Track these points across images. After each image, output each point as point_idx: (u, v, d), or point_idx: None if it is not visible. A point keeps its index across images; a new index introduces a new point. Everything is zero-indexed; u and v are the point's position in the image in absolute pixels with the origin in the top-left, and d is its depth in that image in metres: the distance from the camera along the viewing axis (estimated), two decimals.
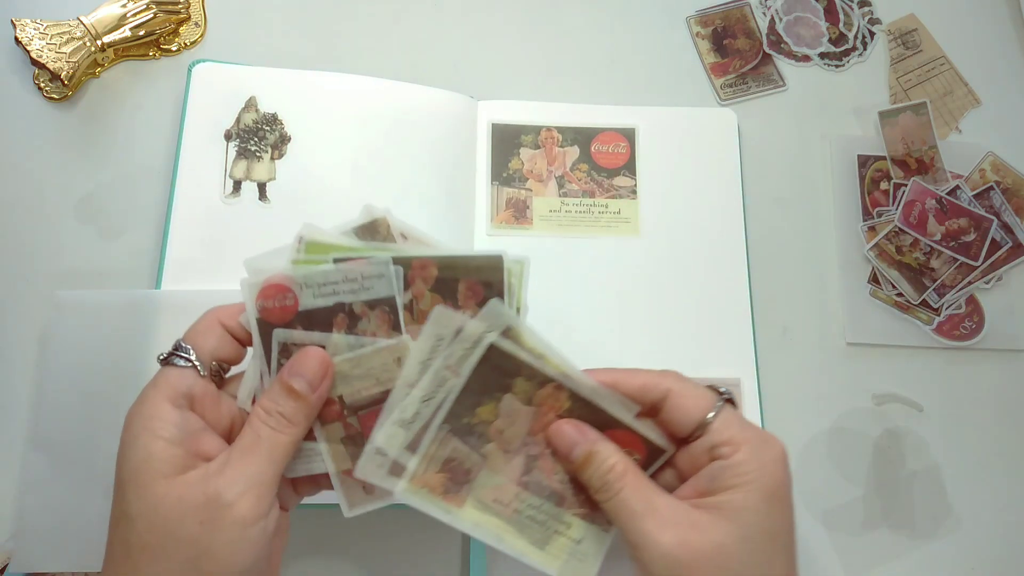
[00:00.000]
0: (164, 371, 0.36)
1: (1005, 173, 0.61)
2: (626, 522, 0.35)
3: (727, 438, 0.35)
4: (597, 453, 0.36)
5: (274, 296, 0.37)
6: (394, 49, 0.62)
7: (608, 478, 0.36)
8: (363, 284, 0.37)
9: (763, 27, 0.65)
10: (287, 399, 0.36)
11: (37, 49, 0.55)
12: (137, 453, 0.34)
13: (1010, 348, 0.57)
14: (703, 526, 0.34)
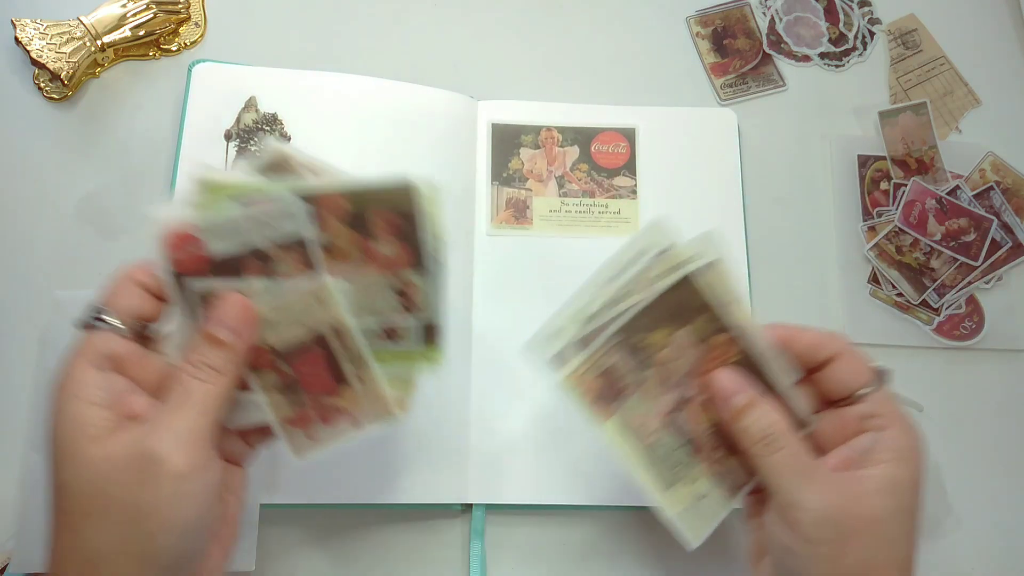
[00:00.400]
0: (84, 336, 0.36)
1: (1005, 173, 0.61)
2: (784, 480, 0.36)
3: (879, 411, 0.37)
4: (758, 406, 0.37)
5: (182, 246, 0.36)
6: (394, 49, 0.62)
7: (772, 431, 0.37)
8: (269, 224, 0.36)
9: (763, 27, 0.65)
10: (212, 349, 0.35)
11: (37, 49, 0.55)
12: (64, 420, 0.33)
13: (1010, 348, 0.57)
14: (863, 496, 0.35)
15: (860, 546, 0.35)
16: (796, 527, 0.35)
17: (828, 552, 0.35)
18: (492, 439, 0.51)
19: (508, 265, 0.55)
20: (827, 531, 0.35)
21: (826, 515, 0.35)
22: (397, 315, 0.37)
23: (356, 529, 0.50)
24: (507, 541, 0.50)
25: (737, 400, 0.38)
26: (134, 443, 0.33)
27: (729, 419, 0.38)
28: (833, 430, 0.38)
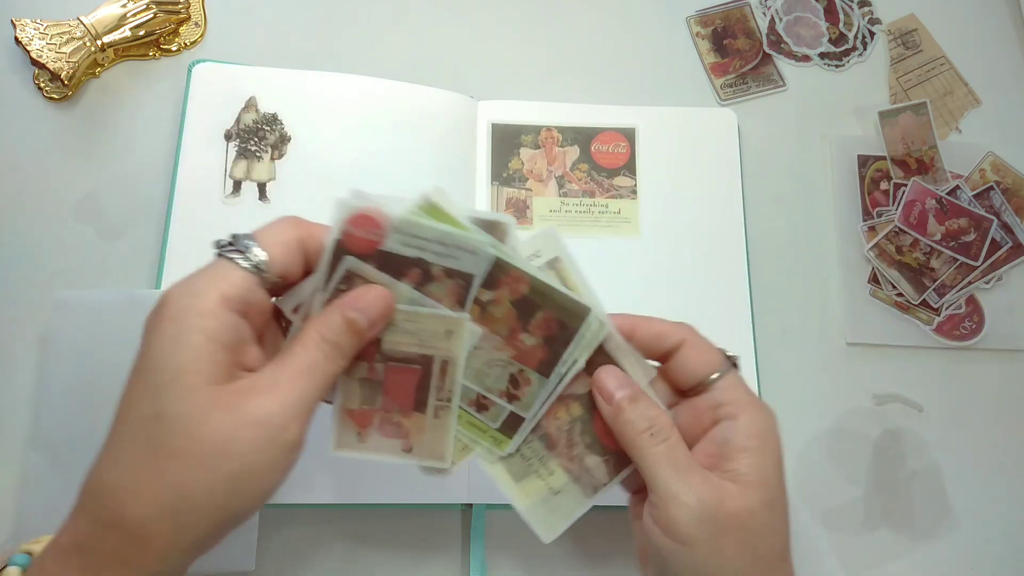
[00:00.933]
0: (224, 267, 0.34)
1: (1005, 173, 0.61)
2: (664, 472, 0.35)
3: (732, 399, 0.37)
4: (641, 399, 0.37)
5: (363, 226, 0.36)
6: (394, 49, 0.62)
7: (655, 424, 0.37)
8: (452, 252, 0.37)
9: (763, 27, 0.65)
10: (345, 331, 0.35)
11: (37, 49, 0.55)
12: (184, 352, 0.31)
13: (1010, 348, 0.57)
14: (734, 492, 0.35)
15: (738, 542, 0.35)
16: (675, 527, 0.35)
17: (707, 552, 0.34)
18: None
19: None
20: (705, 529, 0.34)
21: (703, 512, 0.34)
22: (497, 395, 0.39)
23: (356, 529, 0.50)
24: (507, 541, 0.50)
25: (621, 394, 0.37)
26: (256, 401, 0.32)
27: (613, 413, 0.37)
28: (688, 423, 0.38)
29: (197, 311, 0.32)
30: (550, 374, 0.38)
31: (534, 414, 0.39)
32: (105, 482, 0.31)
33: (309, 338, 0.34)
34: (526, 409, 0.39)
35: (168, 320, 0.32)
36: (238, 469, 0.31)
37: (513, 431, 0.39)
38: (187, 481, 0.30)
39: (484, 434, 0.39)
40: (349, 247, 0.37)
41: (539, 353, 0.38)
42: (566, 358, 0.38)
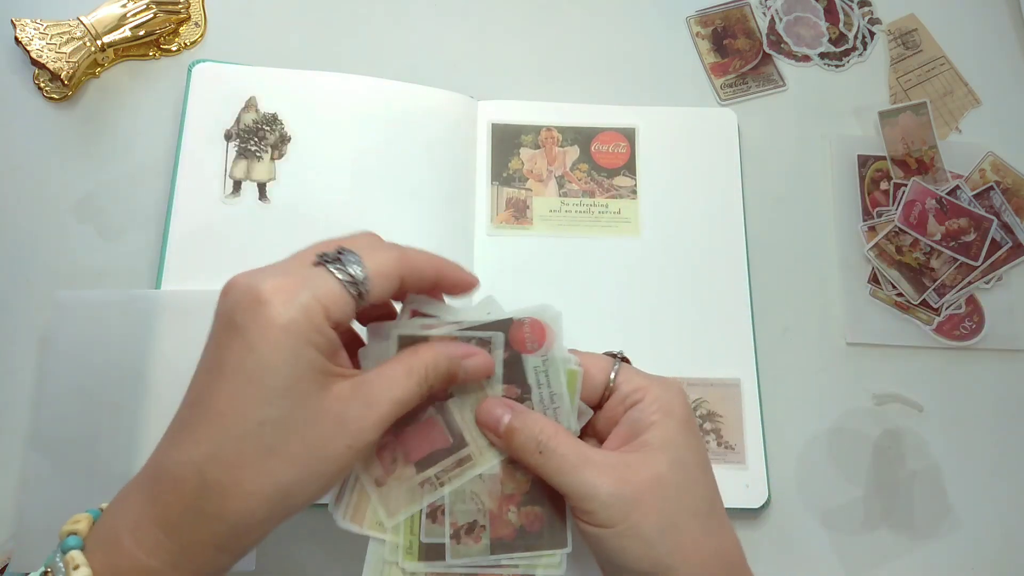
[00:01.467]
0: (329, 283, 0.34)
1: (1005, 173, 0.61)
2: (566, 477, 0.36)
3: (634, 387, 0.39)
4: (527, 419, 0.38)
5: (534, 334, 0.39)
6: (394, 49, 0.62)
7: (541, 438, 0.37)
8: (553, 406, 0.39)
9: (763, 27, 0.65)
10: (444, 378, 0.37)
11: (37, 49, 0.55)
12: (301, 364, 0.33)
13: (1010, 348, 0.57)
14: (637, 463, 0.36)
15: (653, 509, 0.36)
16: (594, 517, 0.36)
17: (628, 528, 0.35)
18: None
19: (508, 265, 0.55)
20: (619, 507, 0.35)
21: (611, 491, 0.35)
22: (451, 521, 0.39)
23: None
24: None
25: (507, 421, 0.38)
26: (358, 418, 0.34)
27: (504, 443, 0.38)
28: (608, 423, 0.39)
29: (310, 326, 0.33)
30: (497, 553, 0.39)
31: (459, 566, 0.39)
32: (210, 479, 0.33)
33: (415, 372, 0.36)
34: (457, 555, 0.39)
35: (280, 329, 0.33)
36: (332, 472, 0.34)
37: (430, 559, 0.39)
38: (294, 483, 0.33)
39: (410, 536, 0.39)
40: (511, 336, 0.39)
41: (506, 532, 0.39)
42: (515, 560, 0.39)
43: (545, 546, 0.39)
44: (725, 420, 0.53)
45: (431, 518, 0.39)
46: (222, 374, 0.33)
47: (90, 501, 0.47)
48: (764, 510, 0.52)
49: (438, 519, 0.39)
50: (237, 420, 0.33)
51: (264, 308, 0.33)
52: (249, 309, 0.33)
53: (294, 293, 0.33)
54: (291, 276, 0.34)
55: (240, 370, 0.33)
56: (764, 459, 0.52)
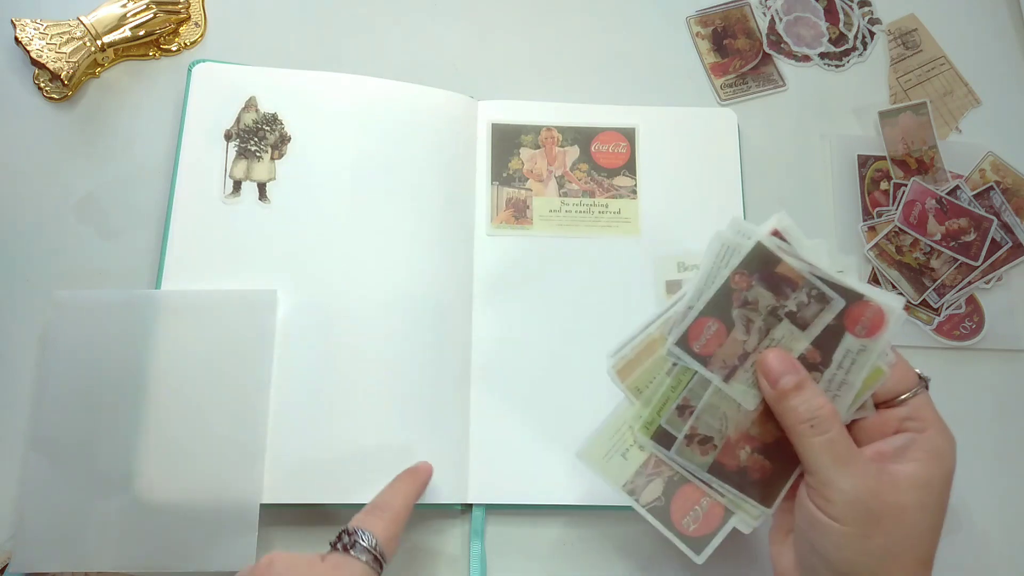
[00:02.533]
0: (356, 567, 0.41)
1: (1005, 173, 0.61)
2: (824, 461, 0.37)
3: (922, 416, 0.40)
4: (806, 388, 0.39)
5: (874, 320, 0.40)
6: (394, 49, 0.62)
7: (819, 415, 0.38)
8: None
9: (763, 27, 0.65)
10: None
11: (37, 49, 0.55)
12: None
13: (1010, 348, 0.57)
14: (894, 487, 0.37)
15: (885, 532, 0.37)
16: (828, 507, 0.37)
17: (855, 533, 0.36)
18: (492, 439, 0.51)
19: (508, 265, 0.55)
20: (857, 512, 0.36)
21: (857, 497, 0.36)
22: (689, 424, 0.42)
23: None
24: (507, 541, 0.50)
25: (786, 381, 0.39)
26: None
27: (776, 397, 0.39)
28: (873, 427, 0.40)
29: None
30: (713, 474, 0.41)
31: (677, 462, 0.42)
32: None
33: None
34: (680, 454, 0.41)
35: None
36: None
37: (659, 442, 0.42)
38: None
39: (655, 415, 0.42)
40: (849, 310, 0.40)
41: (731, 463, 0.41)
42: (724, 490, 0.41)
43: (756, 497, 0.41)
44: None
45: (679, 411, 0.41)
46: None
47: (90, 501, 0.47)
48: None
49: (684, 415, 0.41)
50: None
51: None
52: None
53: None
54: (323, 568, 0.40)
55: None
56: None
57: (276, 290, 0.52)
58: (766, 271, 0.40)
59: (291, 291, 0.52)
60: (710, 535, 0.42)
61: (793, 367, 0.39)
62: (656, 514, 0.42)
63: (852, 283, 0.40)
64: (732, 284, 0.40)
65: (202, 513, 0.47)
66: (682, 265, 0.55)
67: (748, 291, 0.40)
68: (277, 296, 0.51)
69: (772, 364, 0.39)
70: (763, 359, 0.40)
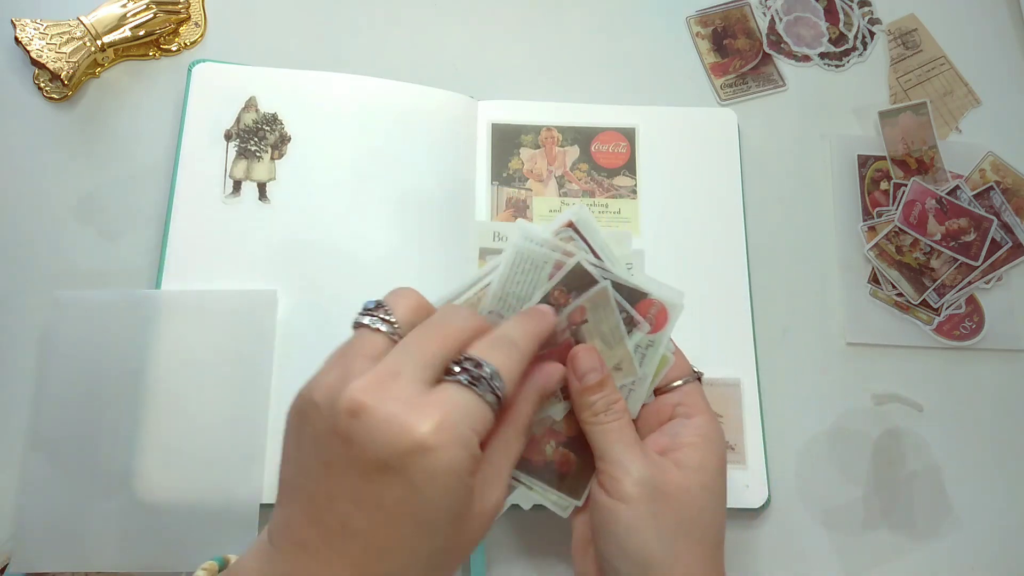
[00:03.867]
0: (476, 409, 0.33)
1: (1005, 173, 0.61)
2: (615, 445, 0.40)
3: (690, 402, 0.42)
4: (608, 384, 0.41)
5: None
6: (394, 49, 0.62)
7: (614, 408, 0.40)
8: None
9: (763, 27, 0.65)
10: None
11: (37, 49, 0.55)
12: (465, 497, 0.33)
13: (1010, 348, 0.57)
14: (674, 469, 0.40)
15: (673, 511, 0.38)
16: (618, 488, 0.38)
17: (645, 512, 0.38)
18: None
19: None
20: (645, 490, 0.38)
21: (644, 475, 0.38)
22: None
23: None
24: (507, 541, 0.50)
25: (590, 377, 0.40)
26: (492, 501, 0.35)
27: (579, 391, 0.40)
28: (651, 412, 0.43)
29: (470, 459, 0.33)
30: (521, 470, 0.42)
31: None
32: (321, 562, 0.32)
33: (522, 428, 0.37)
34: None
35: (447, 474, 0.32)
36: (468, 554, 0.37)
37: None
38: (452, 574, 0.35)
39: None
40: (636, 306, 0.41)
41: (537, 459, 0.42)
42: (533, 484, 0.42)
43: (564, 490, 0.42)
44: (725, 420, 0.53)
45: None
46: (382, 513, 0.32)
47: (90, 501, 0.47)
48: (764, 510, 0.52)
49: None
50: (405, 556, 0.32)
51: (430, 455, 0.31)
52: (411, 454, 0.31)
53: (454, 430, 0.32)
54: (439, 407, 0.32)
55: (405, 512, 0.32)
56: (764, 459, 0.52)
57: (276, 290, 0.52)
58: (582, 288, 0.41)
59: (291, 291, 0.52)
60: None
61: (599, 364, 0.41)
62: None
63: (637, 281, 0.41)
64: (551, 300, 0.41)
65: (202, 513, 0.47)
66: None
67: (566, 307, 0.41)
68: (277, 296, 0.51)
69: (581, 361, 0.40)
70: (574, 355, 0.41)
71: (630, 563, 0.38)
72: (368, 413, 0.31)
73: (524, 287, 0.41)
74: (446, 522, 0.33)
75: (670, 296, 0.42)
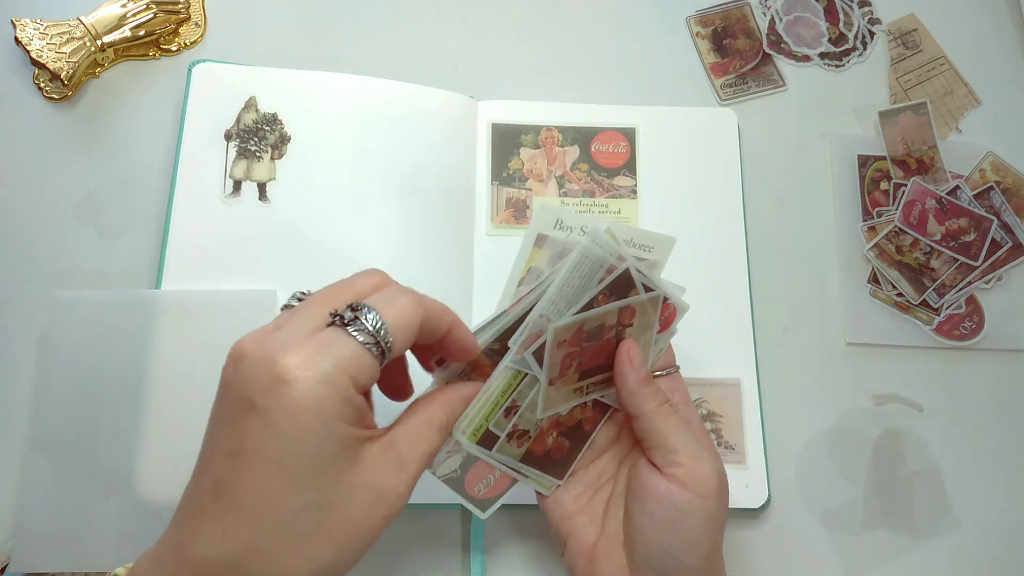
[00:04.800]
0: (351, 348, 0.32)
1: (1005, 173, 0.61)
2: (686, 436, 0.40)
3: (682, 391, 0.44)
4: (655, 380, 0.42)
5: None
6: (394, 49, 0.62)
7: (668, 399, 0.41)
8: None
9: (763, 27, 0.65)
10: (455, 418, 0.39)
11: (37, 49, 0.55)
12: (332, 443, 0.31)
13: (1010, 348, 0.57)
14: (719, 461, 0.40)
15: (723, 503, 0.40)
16: (702, 480, 0.39)
17: (716, 505, 0.39)
18: None
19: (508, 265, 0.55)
20: (719, 484, 0.39)
21: (719, 470, 0.39)
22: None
23: None
24: (507, 541, 0.50)
25: (646, 369, 0.42)
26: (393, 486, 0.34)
27: (639, 382, 0.41)
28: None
29: (338, 400, 0.31)
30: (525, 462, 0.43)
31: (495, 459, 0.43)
32: (251, 571, 0.31)
33: (439, 424, 0.37)
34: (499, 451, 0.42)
35: (306, 410, 0.30)
36: (369, 543, 0.34)
37: (481, 444, 0.42)
38: (333, 562, 0.32)
39: (483, 420, 0.42)
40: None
41: (539, 450, 0.43)
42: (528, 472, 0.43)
43: (553, 473, 0.44)
44: (725, 420, 0.53)
45: (506, 413, 0.41)
46: (245, 459, 0.31)
47: (90, 501, 0.47)
48: (764, 510, 0.52)
49: (509, 415, 0.42)
50: (270, 510, 0.31)
51: (287, 388, 0.30)
52: (270, 389, 0.30)
53: (317, 366, 0.31)
54: (309, 345, 0.31)
55: (267, 457, 0.30)
56: (764, 459, 0.52)
57: (276, 290, 0.52)
58: (622, 293, 0.41)
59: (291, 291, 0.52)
60: (495, 498, 0.44)
61: (644, 362, 0.42)
62: (451, 484, 0.43)
63: (658, 282, 0.42)
64: (595, 304, 0.41)
65: None
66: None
67: (621, 301, 0.41)
68: (277, 296, 0.51)
69: (636, 354, 0.41)
70: (629, 347, 0.41)
71: (697, 557, 0.38)
72: (245, 358, 0.32)
73: (576, 291, 0.40)
74: (311, 470, 0.31)
75: (678, 298, 0.42)
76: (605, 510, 0.43)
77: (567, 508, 0.43)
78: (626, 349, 0.41)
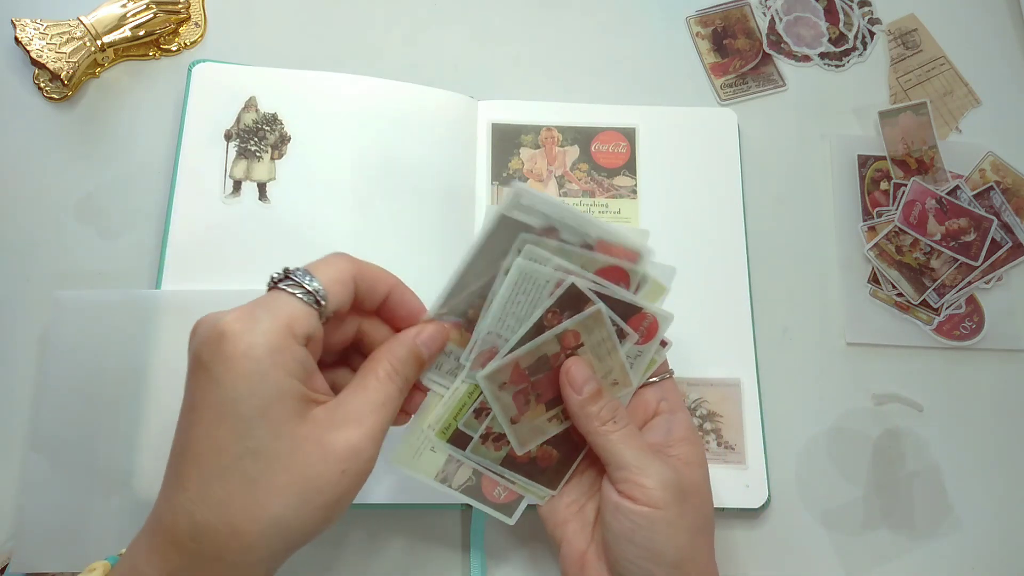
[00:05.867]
0: (284, 300, 0.35)
1: (1005, 173, 0.61)
2: (634, 450, 0.40)
3: (672, 397, 0.45)
4: (606, 394, 0.42)
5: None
6: (394, 49, 0.62)
7: (619, 415, 0.42)
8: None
9: (763, 27, 0.65)
10: (412, 364, 0.38)
11: (37, 49, 0.55)
12: (268, 389, 0.33)
13: (1010, 348, 0.57)
14: (686, 467, 0.41)
15: (693, 509, 0.40)
16: (646, 495, 0.39)
17: (673, 514, 0.39)
18: None
19: None
20: (672, 494, 0.39)
21: (669, 479, 0.40)
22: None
23: (356, 529, 0.50)
24: (507, 541, 0.50)
25: (589, 387, 0.41)
26: (343, 433, 0.34)
27: (580, 403, 0.41)
28: (636, 405, 0.44)
29: (271, 347, 0.33)
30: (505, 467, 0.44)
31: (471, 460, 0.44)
32: (202, 522, 0.32)
33: (384, 372, 0.37)
34: (475, 451, 0.43)
35: (241, 357, 0.33)
36: (330, 499, 0.34)
37: (454, 444, 0.43)
38: (286, 514, 0.33)
39: (451, 420, 0.43)
40: (630, 320, 0.42)
41: (522, 456, 0.43)
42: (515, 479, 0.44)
43: (543, 482, 0.44)
44: (725, 420, 0.53)
45: (476, 414, 0.42)
46: (195, 412, 0.33)
47: (90, 501, 0.47)
48: (764, 510, 0.52)
49: (480, 417, 0.42)
50: (215, 457, 0.32)
51: (225, 340, 0.33)
52: (212, 343, 0.33)
53: (251, 318, 0.33)
54: (248, 305, 0.34)
55: (209, 406, 0.33)
56: (764, 459, 0.52)
57: None
58: (575, 308, 0.41)
59: None
60: (517, 500, 0.45)
61: (592, 376, 0.42)
62: (469, 493, 0.44)
63: (631, 296, 0.42)
64: (545, 323, 0.41)
65: None
66: None
67: (555, 328, 0.41)
68: None
69: (576, 374, 0.41)
70: (567, 369, 0.41)
71: (664, 565, 0.39)
72: (198, 326, 0.34)
73: (525, 306, 0.41)
74: (250, 416, 0.32)
75: (661, 315, 0.42)
76: (595, 519, 0.43)
77: (560, 515, 0.44)
78: (565, 371, 0.42)
